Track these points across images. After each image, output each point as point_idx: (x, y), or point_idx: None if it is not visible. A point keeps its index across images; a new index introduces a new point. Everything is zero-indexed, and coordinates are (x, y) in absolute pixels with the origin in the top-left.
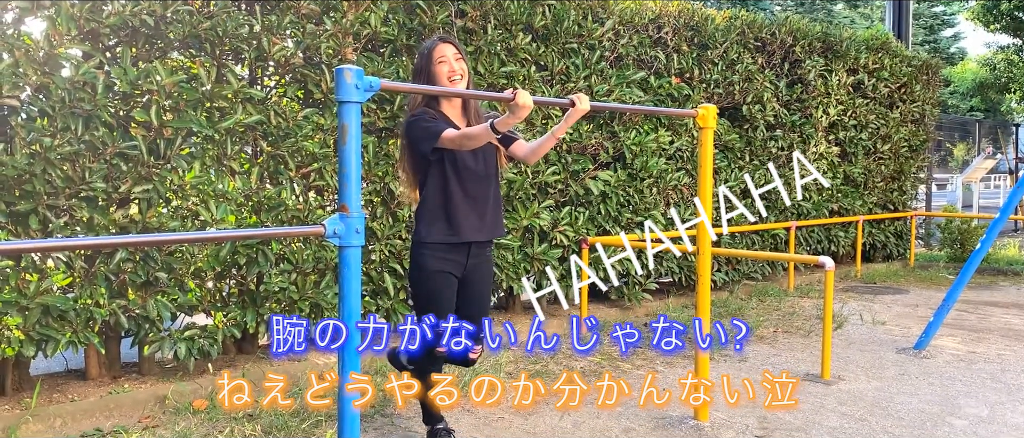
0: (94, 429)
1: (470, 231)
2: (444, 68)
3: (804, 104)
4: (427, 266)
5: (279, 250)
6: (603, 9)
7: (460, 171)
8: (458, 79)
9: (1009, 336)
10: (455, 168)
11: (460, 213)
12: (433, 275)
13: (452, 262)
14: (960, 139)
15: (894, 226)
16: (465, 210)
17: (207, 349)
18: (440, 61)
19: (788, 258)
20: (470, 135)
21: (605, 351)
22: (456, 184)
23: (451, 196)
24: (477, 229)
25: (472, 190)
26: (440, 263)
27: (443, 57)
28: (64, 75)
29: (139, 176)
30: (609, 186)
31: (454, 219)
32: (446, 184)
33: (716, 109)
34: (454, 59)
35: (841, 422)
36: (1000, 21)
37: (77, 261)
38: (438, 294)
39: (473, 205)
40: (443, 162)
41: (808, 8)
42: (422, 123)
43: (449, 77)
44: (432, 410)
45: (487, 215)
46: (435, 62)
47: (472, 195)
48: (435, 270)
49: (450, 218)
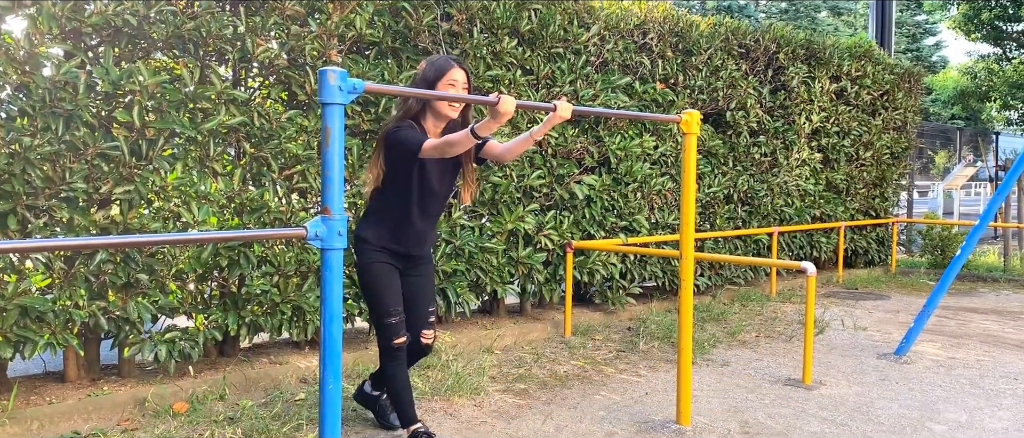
0: (72, 432)
1: (413, 246)
2: (451, 92)
3: (787, 110)
4: (372, 258)
5: (261, 252)
6: (589, 14)
7: (425, 192)
8: (456, 108)
9: (988, 342)
10: (421, 187)
11: (410, 229)
12: (379, 266)
13: (393, 257)
14: (941, 147)
15: (876, 232)
16: (415, 228)
17: (188, 351)
18: (450, 84)
19: (771, 263)
20: (451, 142)
21: (589, 355)
22: (417, 202)
23: (408, 214)
24: (418, 244)
25: (430, 209)
26: (382, 255)
27: (454, 82)
28: (45, 74)
29: (120, 177)
30: (594, 190)
31: (401, 232)
32: (408, 199)
33: (700, 115)
34: (462, 88)
35: (822, 427)
36: (981, 30)
37: (56, 262)
38: (388, 282)
39: (423, 223)
40: (412, 177)
41: (792, 16)
42: (406, 132)
43: (450, 104)
44: (409, 411)
45: (430, 233)
46: (445, 83)
47: (428, 214)
48: (380, 261)
49: (398, 230)
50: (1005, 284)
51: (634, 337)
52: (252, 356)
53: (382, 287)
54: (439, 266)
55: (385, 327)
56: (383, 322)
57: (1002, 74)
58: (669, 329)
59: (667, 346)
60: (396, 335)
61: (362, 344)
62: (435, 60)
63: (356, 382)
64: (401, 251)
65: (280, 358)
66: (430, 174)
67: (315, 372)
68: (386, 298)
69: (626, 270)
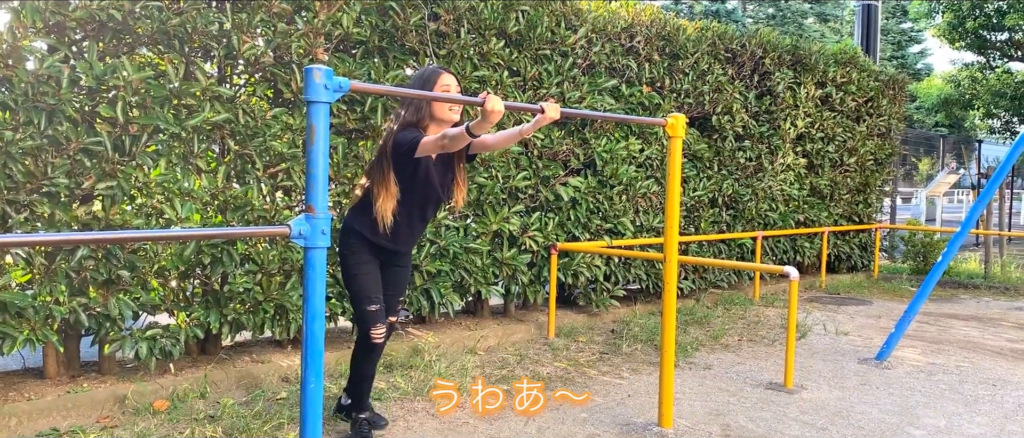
0: (51, 429)
1: (403, 244)
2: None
3: (772, 116)
4: (359, 248)
5: (244, 250)
6: (576, 16)
7: (425, 198)
8: (457, 111)
9: (968, 348)
10: (425, 191)
11: (402, 228)
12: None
13: (379, 251)
14: (925, 154)
15: (859, 238)
16: (408, 227)
17: (169, 349)
18: (443, 89)
19: (754, 268)
20: (449, 136)
21: (572, 357)
22: (417, 204)
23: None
24: (407, 243)
25: (427, 214)
26: (369, 247)
27: (447, 87)
28: (28, 68)
29: (103, 172)
30: (579, 193)
31: (395, 230)
32: (407, 201)
33: (686, 118)
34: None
35: (803, 431)
36: (965, 39)
37: (37, 257)
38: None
39: (419, 224)
40: (416, 179)
41: (779, 21)
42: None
43: (451, 108)
44: (364, 400)
45: (420, 233)
46: (438, 89)
47: (422, 218)
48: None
49: (394, 228)
50: (986, 291)
51: (617, 339)
52: (234, 354)
53: (365, 276)
54: (423, 266)
55: (366, 314)
56: (365, 309)
57: (985, 83)
58: (652, 332)
59: (650, 349)
60: (376, 322)
61: (345, 343)
62: (424, 70)
63: (339, 382)
64: (390, 248)
65: (262, 357)
66: (432, 177)
67: (297, 371)
68: (368, 287)
69: (610, 272)
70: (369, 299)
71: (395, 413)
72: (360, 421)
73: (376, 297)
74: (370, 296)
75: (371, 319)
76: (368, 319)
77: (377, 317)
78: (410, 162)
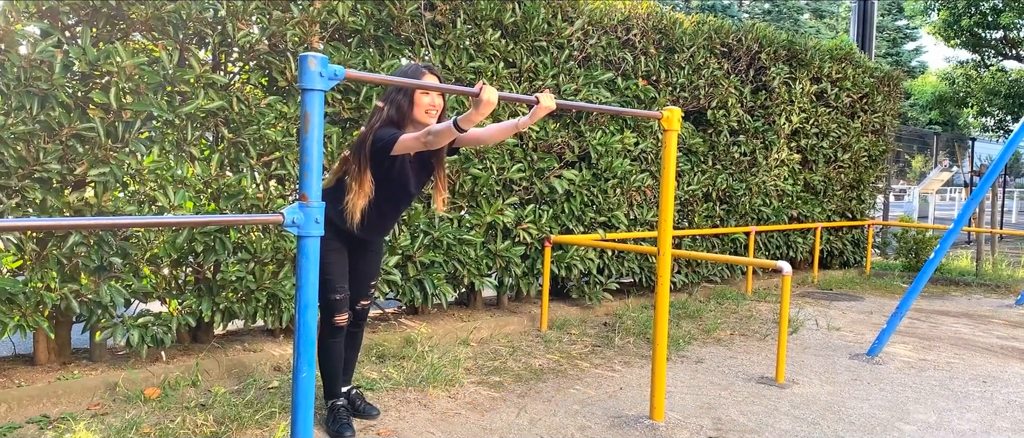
0: (41, 415)
1: (373, 234)
2: (424, 98)
3: (768, 110)
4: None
5: (237, 239)
6: (573, 9)
7: (400, 195)
8: (435, 113)
9: (958, 345)
10: (398, 189)
11: (373, 221)
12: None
13: (347, 238)
14: (918, 151)
15: (852, 234)
16: (379, 220)
17: (161, 337)
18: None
19: (747, 262)
20: (434, 132)
21: (564, 349)
22: (390, 201)
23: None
24: (378, 232)
25: (400, 207)
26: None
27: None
28: (21, 52)
29: (96, 159)
30: (574, 185)
31: (366, 220)
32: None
33: (681, 112)
34: (436, 94)
35: (793, 425)
36: (960, 37)
37: (28, 243)
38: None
39: (392, 216)
40: (390, 177)
41: (775, 16)
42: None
43: (427, 111)
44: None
45: (393, 223)
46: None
47: (395, 211)
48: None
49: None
50: (977, 288)
51: (610, 332)
52: (226, 343)
53: (330, 264)
54: (417, 257)
55: (330, 303)
56: (329, 298)
57: (979, 80)
58: (645, 325)
59: (642, 342)
60: (339, 311)
61: None
62: (409, 65)
63: None
64: (359, 236)
65: (254, 345)
66: (407, 175)
67: (289, 360)
68: (333, 276)
69: (603, 266)
70: (334, 289)
71: (387, 403)
72: (338, 408)
73: (341, 286)
74: (335, 286)
75: (335, 307)
76: (333, 307)
77: (342, 306)
78: (387, 159)
